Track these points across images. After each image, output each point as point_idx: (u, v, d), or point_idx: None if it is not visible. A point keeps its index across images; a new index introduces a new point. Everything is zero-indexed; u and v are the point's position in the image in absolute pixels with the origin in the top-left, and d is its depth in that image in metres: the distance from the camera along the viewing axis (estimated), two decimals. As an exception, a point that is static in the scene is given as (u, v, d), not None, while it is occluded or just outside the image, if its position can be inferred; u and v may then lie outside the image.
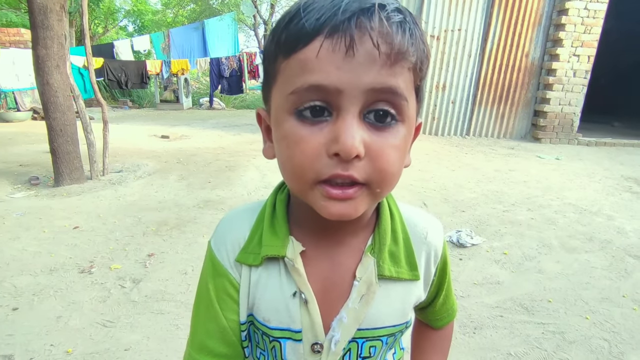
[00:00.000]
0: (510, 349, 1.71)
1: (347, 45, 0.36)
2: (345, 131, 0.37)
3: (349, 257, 0.49)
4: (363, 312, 0.47)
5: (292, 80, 0.38)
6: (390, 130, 0.40)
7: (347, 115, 0.37)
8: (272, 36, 0.41)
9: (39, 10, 3.40)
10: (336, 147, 0.37)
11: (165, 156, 5.19)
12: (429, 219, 0.55)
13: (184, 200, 3.50)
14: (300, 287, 0.46)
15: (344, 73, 0.36)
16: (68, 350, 1.63)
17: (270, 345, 0.49)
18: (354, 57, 0.36)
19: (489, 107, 7.13)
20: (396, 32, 0.37)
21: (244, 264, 0.49)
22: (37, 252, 2.48)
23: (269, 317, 0.48)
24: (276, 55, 0.40)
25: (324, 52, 0.36)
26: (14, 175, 4.16)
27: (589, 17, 6.49)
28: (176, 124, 8.45)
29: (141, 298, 2.02)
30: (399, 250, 0.50)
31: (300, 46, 0.37)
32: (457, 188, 4.02)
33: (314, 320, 0.47)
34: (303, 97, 0.38)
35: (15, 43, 9.47)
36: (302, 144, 0.39)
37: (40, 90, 3.61)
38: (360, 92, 0.37)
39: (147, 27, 18.46)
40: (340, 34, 0.36)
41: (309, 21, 0.37)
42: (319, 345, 0.47)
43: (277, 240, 0.48)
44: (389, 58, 0.37)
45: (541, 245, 2.76)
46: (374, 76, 0.37)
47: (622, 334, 1.84)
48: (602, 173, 4.92)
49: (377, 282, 0.48)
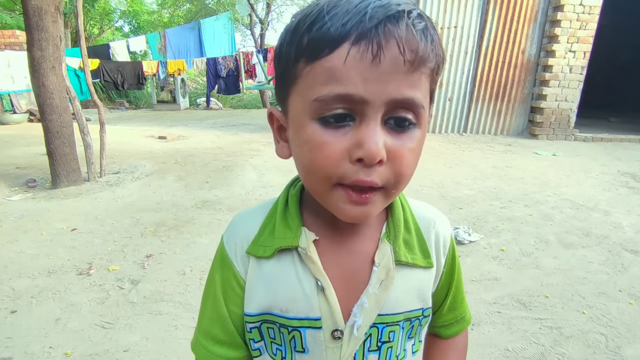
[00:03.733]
0: (508, 345, 1.72)
1: (373, 53, 0.36)
2: (369, 137, 0.38)
3: (365, 245, 0.50)
4: (383, 297, 0.48)
5: (316, 87, 0.39)
6: (408, 134, 0.41)
7: (370, 121, 0.38)
8: (291, 38, 0.41)
9: (34, 12, 3.38)
10: (360, 152, 0.38)
11: (162, 157, 5.18)
12: (435, 210, 0.57)
13: (182, 200, 3.50)
14: (316, 275, 0.47)
15: (370, 83, 0.37)
16: (67, 352, 1.63)
17: (290, 336, 0.49)
18: (379, 64, 0.36)
19: (485, 104, 7.15)
20: (420, 39, 0.37)
21: (254, 256, 0.50)
22: (35, 254, 2.48)
23: (287, 307, 0.48)
24: (297, 58, 0.40)
25: (351, 59, 0.36)
26: (11, 177, 4.15)
27: (584, 13, 6.51)
28: (173, 125, 8.44)
29: (140, 299, 2.02)
30: (412, 238, 0.51)
31: (326, 52, 0.37)
32: (454, 185, 4.03)
33: (333, 307, 0.47)
34: (328, 104, 0.38)
35: (11, 45, 9.43)
36: (326, 149, 0.39)
37: (36, 92, 3.60)
38: (383, 102, 0.38)
39: (143, 27, 18.39)
40: (368, 41, 0.36)
41: (334, 26, 0.36)
42: (339, 332, 0.48)
43: (289, 232, 0.49)
44: (412, 65, 0.37)
45: (538, 241, 2.78)
46: (396, 86, 0.38)
47: (619, 328, 1.85)
48: (598, 169, 4.94)
49: (395, 267, 0.49)
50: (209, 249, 2.58)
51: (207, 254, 2.50)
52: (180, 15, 18.66)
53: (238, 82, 11.36)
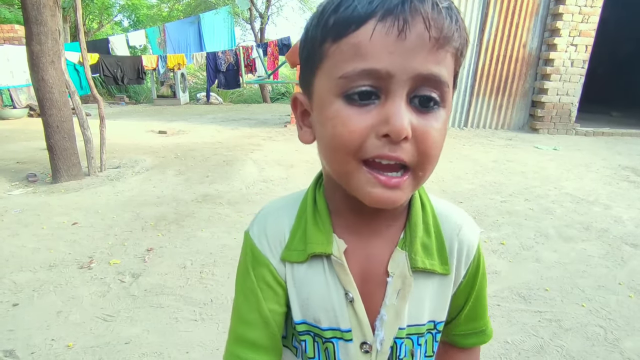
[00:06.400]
0: (507, 337, 1.73)
1: (399, 28, 0.36)
2: (395, 113, 0.38)
3: (383, 250, 0.48)
4: (402, 308, 0.46)
5: (342, 64, 0.39)
6: (434, 114, 0.40)
7: (396, 98, 0.38)
8: (318, 21, 0.41)
9: (32, 6, 3.36)
10: (386, 128, 0.38)
11: (163, 151, 5.18)
12: (465, 216, 0.53)
13: (182, 195, 3.50)
14: (346, 287, 0.46)
15: (396, 57, 0.37)
16: (69, 344, 1.64)
17: (324, 347, 0.48)
18: (405, 40, 0.36)
19: (486, 98, 7.12)
20: (445, 17, 0.37)
21: (288, 262, 0.48)
22: (36, 248, 2.49)
23: (319, 317, 0.47)
24: (323, 39, 0.40)
25: (377, 35, 0.37)
26: (12, 172, 4.15)
27: (586, 6, 6.46)
28: (173, 119, 8.42)
29: (140, 292, 2.03)
30: (431, 242, 0.49)
31: (352, 29, 0.38)
32: (455, 179, 4.02)
33: (361, 320, 0.46)
34: (354, 81, 0.38)
35: (10, 39, 9.38)
36: (351, 125, 0.39)
37: (36, 87, 3.58)
38: (408, 77, 0.38)
39: (143, 21, 18.28)
40: (394, 17, 0.36)
41: (361, 4, 0.37)
42: (367, 345, 0.47)
43: (321, 236, 0.47)
44: (437, 42, 0.37)
45: (538, 234, 2.78)
46: (422, 62, 0.37)
47: (618, 320, 1.86)
48: (599, 163, 4.93)
49: (411, 275, 0.47)
50: (210, 242, 2.59)
51: (208, 248, 2.51)
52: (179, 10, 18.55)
53: (238, 77, 11.33)
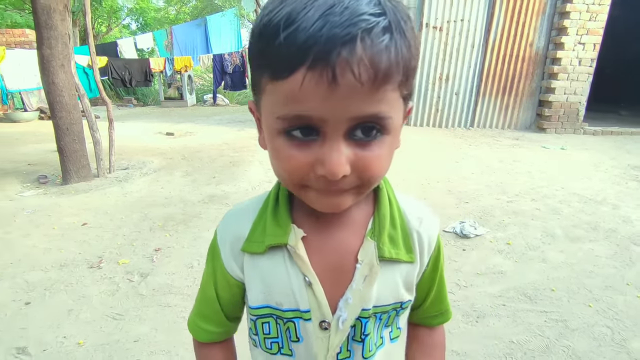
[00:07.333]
0: (513, 337, 1.73)
1: (329, 79, 0.35)
2: (330, 155, 0.38)
3: (351, 240, 0.51)
4: (367, 292, 0.50)
5: (278, 106, 0.39)
6: (377, 142, 0.41)
7: (332, 140, 0.38)
8: (254, 48, 0.40)
9: (43, 11, 3.43)
10: (322, 170, 0.39)
11: (170, 153, 5.24)
12: (425, 209, 0.57)
13: (190, 196, 3.54)
14: (304, 272, 0.49)
15: (329, 104, 0.36)
16: (79, 342, 1.68)
17: (285, 327, 0.52)
18: (337, 87, 0.35)
19: (493, 98, 7.08)
20: (381, 58, 0.35)
21: (248, 253, 0.53)
22: (48, 248, 2.54)
23: (281, 300, 0.51)
24: (260, 74, 0.40)
25: (308, 83, 0.35)
26: (23, 174, 4.23)
27: (594, 4, 6.39)
28: (181, 121, 8.50)
29: (149, 291, 2.06)
30: (397, 234, 0.52)
31: (285, 75, 0.36)
32: (460, 179, 4.01)
33: (320, 301, 0.50)
34: (290, 122, 0.39)
35: (21, 44, 9.56)
36: (293, 161, 0.41)
37: (46, 90, 3.65)
38: (344, 120, 0.38)
39: (150, 24, 18.48)
40: (323, 66, 0.34)
41: (291, 50, 0.35)
42: (326, 323, 0.50)
43: (279, 229, 0.50)
44: (373, 84, 0.36)
45: (545, 235, 2.77)
46: (358, 105, 0.37)
47: (625, 321, 1.85)
48: (608, 162, 4.88)
49: (378, 263, 0.50)
50: (216, 243, 2.62)
51: (215, 248, 2.54)
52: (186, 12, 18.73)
53: (244, 78, 11.38)
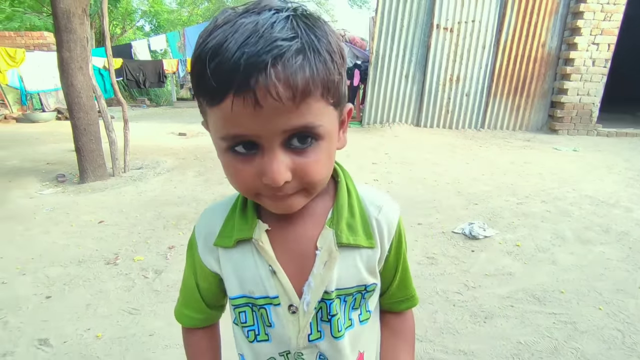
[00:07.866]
0: (520, 338, 1.74)
1: (253, 102, 0.39)
2: (270, 166, 0.43)
3: (312, 230, 0.56)
4: (327, 276, 0.54)
5: (217, 127, 0.44)
6: (313, 148, 0.45)
7: (270, 152, 0.43)
8: (192, 75, 0.44)
9: (62, 15, 3.54)
10: (266, 179, 0.44)
11: (183, 153, 5.34)
12: (384, 197, 0.61)
13: (202, 195, 3.61)
14: (268, 262, 0.54)
15: (259, 122, 0.41)
16: (98, 334, 1.75)
17: (259, 313, 0.58)
18: (261, 108, 0.40)
19: (504, 99, 7.03)
20: (296, 77, 0.39)
21: (221, 247, 0.58)
22: (66, 244, 2.63)
23: (252, 289, 0.56)
24: (200, 97, 0.44)
25: (236, 108, 0.40)
26: (42, 173, 4.37)
27: (609, 4, 6.30)
28: (193, 122, 8.62)
29: (163, 287, 2.13)
30: (355, 222, 0.56)
31: (216, 102, 0.41)
32: (470, 181, 4.00)
33: (286, 287, 0.55)
34: (231, 141, 0.44)
35: (39, 46, 9.82)
36: (240, 174, 0.46)
37: (65, 92, 3.77)
38: (277, 133, 0.42)
39: (163, 26, 18.77)
40: (246, 92, 0.39)
41: (218, 79, 0.40)
42: (294, 307, 0.55)
43: (246, 224, 0.56)
44: (294, 101, 0.40)
45: (555, 237, 2.75)
46: (284, 121, 0.41)
47: (637, 324, 1.83)
48: (622, 164, 4.81)
49: (337, 249, 0.55)
50: (228, 241, 2.67)
51: (226, 246, 2.59)
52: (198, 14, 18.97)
53: (255, 79, 11.46)
